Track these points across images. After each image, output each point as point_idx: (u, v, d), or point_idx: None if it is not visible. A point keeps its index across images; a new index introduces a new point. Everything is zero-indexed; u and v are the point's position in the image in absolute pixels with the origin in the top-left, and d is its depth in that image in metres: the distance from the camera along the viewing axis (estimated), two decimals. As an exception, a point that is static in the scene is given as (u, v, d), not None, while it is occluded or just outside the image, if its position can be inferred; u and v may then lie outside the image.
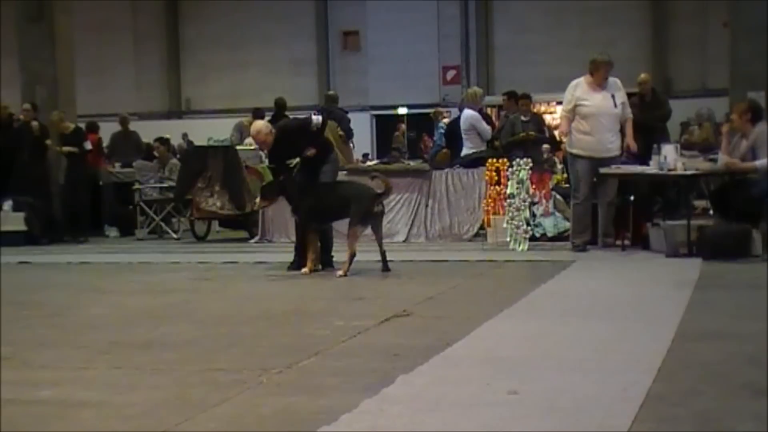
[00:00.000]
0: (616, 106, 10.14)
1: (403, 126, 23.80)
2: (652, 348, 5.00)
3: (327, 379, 4.53)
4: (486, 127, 12.60)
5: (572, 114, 10.13)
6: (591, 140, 10.09)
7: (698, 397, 4.02)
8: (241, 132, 14.71)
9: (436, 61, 26.60)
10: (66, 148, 13.98)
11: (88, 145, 14.39)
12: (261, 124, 9.47)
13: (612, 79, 10.23)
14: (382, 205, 9.12)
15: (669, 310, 6.26)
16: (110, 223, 14.83)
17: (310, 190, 9.11)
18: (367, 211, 8.82)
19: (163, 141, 15.17)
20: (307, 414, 3.93)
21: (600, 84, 10.14)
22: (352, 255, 8.72)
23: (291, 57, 27.36)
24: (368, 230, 9.10)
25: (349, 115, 14.61)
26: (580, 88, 10.18)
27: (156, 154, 15.24)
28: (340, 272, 8.66)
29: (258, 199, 9.57)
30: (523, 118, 12.94)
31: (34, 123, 13.85)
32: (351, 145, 14.46)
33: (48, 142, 14.01)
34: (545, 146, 13.80)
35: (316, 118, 9.28)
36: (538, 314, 6.36)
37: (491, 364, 4.77)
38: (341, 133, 13.31)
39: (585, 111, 10.10)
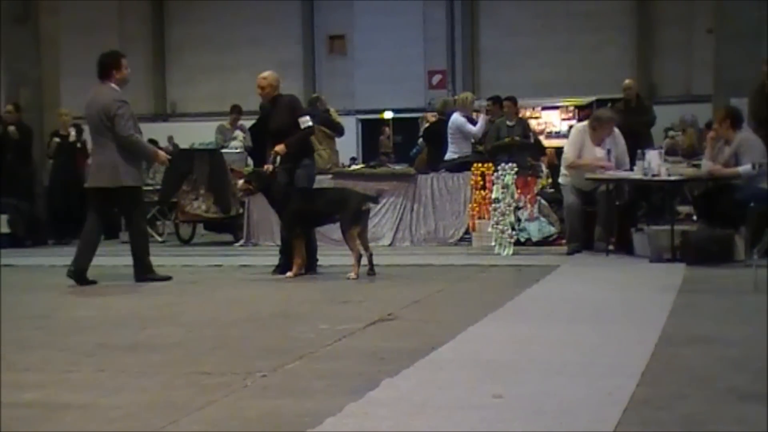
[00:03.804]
0: (610, 161, 10.43)
1: (388, 129, 23.79)
2: (637, 352, 5.02)
3: (312, 383, 4.53)
4: (471, 128, 12.58)
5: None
6: (576, 176, 10.43)
7: (682, 401, 4.04)
8: (224, 135, 14.70)
9: (422, 65, 26.62)
10: (72, 132, 13.99)
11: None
12: (272, 74, 9.31)
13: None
14: (368, 204, 9.17)
15: (653, 314, 6.29)
16: (95, 225, 14.74)
17: (295, 194, 9.12)
18: (356, 211, 8.87)
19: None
20: (292, 417, 3.94)
21: (600, 140, 10.47)
22: (359, 256, 8.79)
23: (277, 60, 27.25)
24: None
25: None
26: (584, 138, 10.52)
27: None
28: (352, 275, 8.69)
29: (241, 182, 9.58)
30: (508, 122, 12.95)
31: (11, 128, 13.72)
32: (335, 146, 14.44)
33: (57, 139, 13.98)
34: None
35: (306, 118, 9.29)
36: (523, 318, 6.38)
37: (476, 367, 4.78)
38: (330, 133, 13.27)
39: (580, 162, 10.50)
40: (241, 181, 9.65)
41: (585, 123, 10.78)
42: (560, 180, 10.85)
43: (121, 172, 8.78)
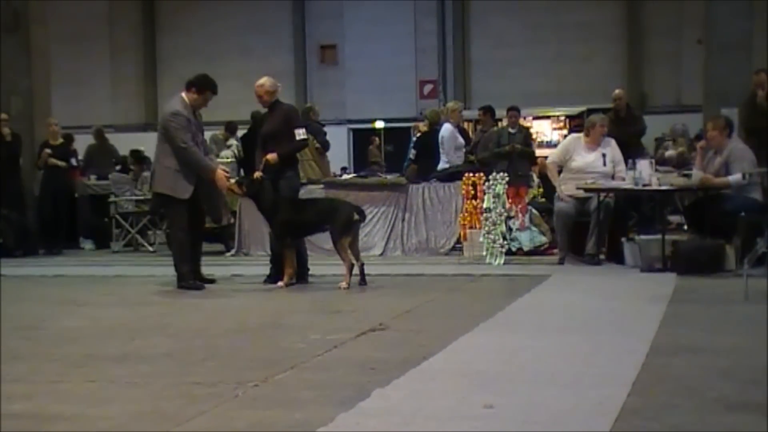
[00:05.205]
0: (605, 164, 10.51)
1: (377, 139, 23.81)
2: (627, 362, 5.02)
3: (303, 393, 4.52)
4: (461, 141, 12.65)
5: (560, 166, 10.65)
6: (572, 186, 10.46)
7: (672, 411, 4.04)
8: (218, 145, 14.71)
9: (413, 75, 26.64)
10: (53, 160, 13.96)
11: (74, 162, 14.37)
12: (267, 80, 9.31)
13: (606, 138, 10.68)
14: (360, 215, 9.16)
15: (643, 324, 6.30)
16: (86, 235, 14.73)
17: (285, 204, 9.10)
18: (347, 221, 8.85)
19: (138, 157, 15.13)
20: (282, 427, 3.93)
21: (595, 144, 10.57)
22: (351, 266, 8.77)
23: (268, 70, 26.95)
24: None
25: (326, 129, 14.59)
26: (577, 145, 10.70)
27: (132, 167, 15.21)
28: (343, 285, 8.68)
29: (233, 181, 9.55)
30: (510, 130, 13.01)
31: (6, 130, 13.71)
32: (326, 158, 14.46)
33: (46, 151, 13.94)
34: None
35: (302, 131, 9.28)
36: (514, 328, 6.38)
37: (467, 377, 4.78)
38: (317, 146, 13.30)
39: (573, 165, 10.57)
40: (232, 180, 9.63)
41: (580, 134, 10.88)
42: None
43: (157, 179, 9.15)
